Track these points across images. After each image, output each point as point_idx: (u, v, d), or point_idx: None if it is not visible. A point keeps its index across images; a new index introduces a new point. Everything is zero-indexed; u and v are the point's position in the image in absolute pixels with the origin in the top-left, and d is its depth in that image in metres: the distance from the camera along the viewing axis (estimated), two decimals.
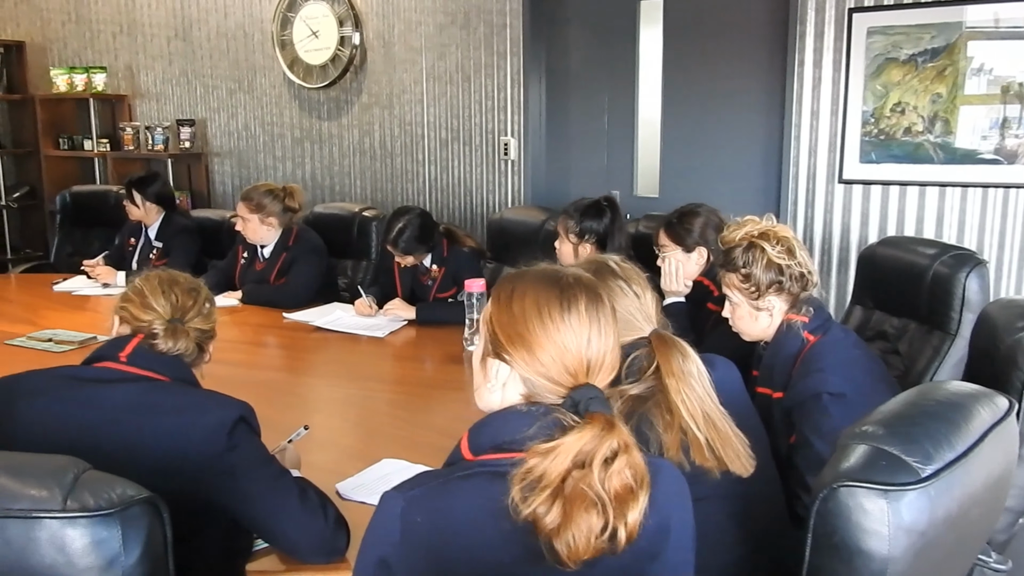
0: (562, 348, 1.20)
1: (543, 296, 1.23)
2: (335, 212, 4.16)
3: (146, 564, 1.07)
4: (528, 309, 1.23)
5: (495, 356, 1.25)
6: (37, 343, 3.02)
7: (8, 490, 1.02)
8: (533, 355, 1.21)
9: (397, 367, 3.00)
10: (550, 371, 1.21)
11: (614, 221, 3.05)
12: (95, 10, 5.73)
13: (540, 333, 1.21)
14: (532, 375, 1.22)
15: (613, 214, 3.05)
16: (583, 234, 3.01)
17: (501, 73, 4.40)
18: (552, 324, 1.21)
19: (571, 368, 1.21)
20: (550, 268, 1.30)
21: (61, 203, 4.90)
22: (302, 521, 1.54)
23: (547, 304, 1.22)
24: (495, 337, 1.25)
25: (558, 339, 1.21)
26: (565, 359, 1.21)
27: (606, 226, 3.02)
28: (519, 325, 1.23)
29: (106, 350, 1.57)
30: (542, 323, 1.21)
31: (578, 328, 1.21)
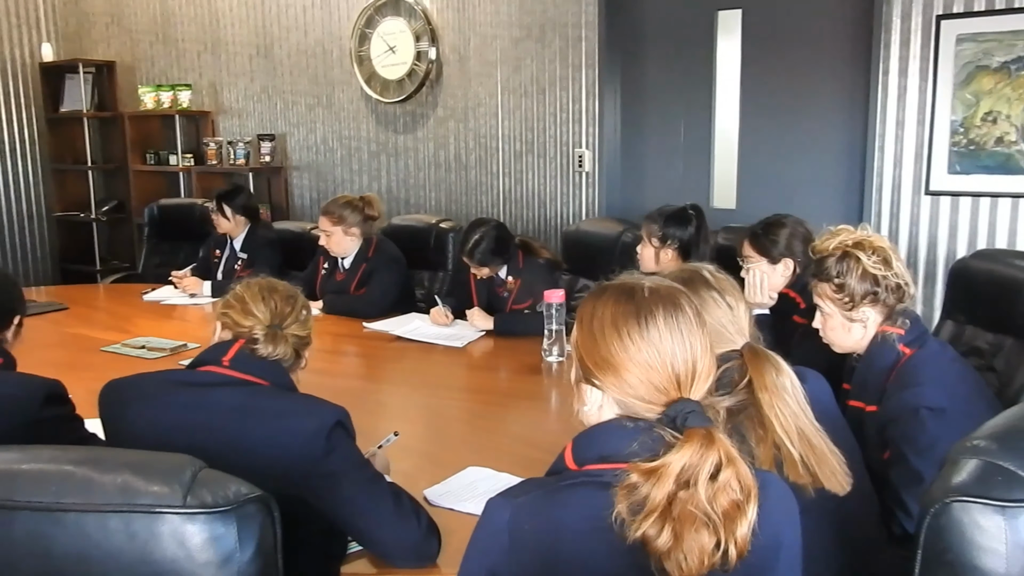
0: (646, 366, 1.19)
1: (620, 315, 1.22)
2: (412, 224, 4.23)
3: (259, 562, 1.10)
4: (607, 330, 1.22)
5: (586, 382, 1.25)
6: (131, 350, 3.14)
7: (132, 486, 1.06)
8: (620, 378, 1.20)
9: (477, 377, 3.02)
10: (639, 391, 1.20)
11: (699, 230, 3.02)
12: (181, 30, 5.95)
13: (622, 355, 1.20)
14: (624, 396, 1.21)
15: (699, 222, 3.03)
16: (665, 239, 3.00)
17: (576, 85, 4.41)
18: (632, 344, 1.20)
19: (660, 385, 1.19)
20: (627, 283, 1.28)
21: (149, 216, 5.09)
22: (396, 526, 1.57)
23: (624, 323, 1.21)
24: (583, 362, 1.25)
25: (641, 358, 1.19)
26: (652, 377, 1.19)
27: (691, 234, 3.00)
28: (602, 349, 1.22)
29: (209, 355, 1.62)
30: (622, 344, 1.20)
31: (659, 343, 1.19)
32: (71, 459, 1.11)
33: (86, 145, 6.22)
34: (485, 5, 4.65)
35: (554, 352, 2.97)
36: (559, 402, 2.77)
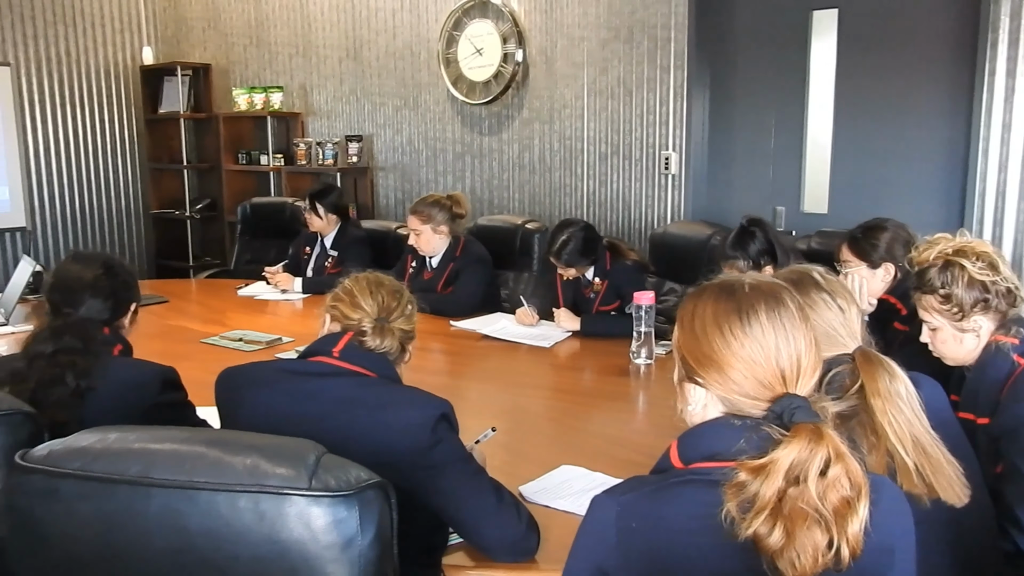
0: (750, 362, 1.18)
1: (721, 312, 1.21)
2: (498, 224, 4.26)
3: (378, 547, 1.12)
4: (709, 328, 1.21)
5: (689, 380, 1.25)
6: (229, 342, 3.24)
7: (260, 468, 1.10)
8: (724, 375, 1.20)
9: (564, 377, 3.03)
10: (744, 388, 1.19)
11: (767, 233, 2.90)
12: (274, 34, 6.12)
13: (725, 352, 1.19)
14: (728, 394, 1.20)
15: (762, 228, 2.90)
16: (757, 262, 2.91)
17: (664, 87, 4.38)
18: (735, 340, 1.19)
19: (765, 380, 1.18)
20: (727, 280, 1.27)
21: (242, 214, 5.24)
22: (497, 519, 1.58)
23: (726, 320, 1.20)
24: (685, 361, 1.25)
25: (744, 354, 1.18)
26: (756, 373, 1.18)
27: (767, 242, 2.87)
28: (704, 346, 1.21)
29: (320, 346, 1.67)
30: (725, 341, 1.20)
31: (762, 339, 1.19)
32: (202, 440, 1.16)
33: (182, 145, 6.46)
34: (573, 7, 4.65)
35: (642, 354, 2.95)
36: (649, 404, 2.76)
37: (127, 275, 1.99)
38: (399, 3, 5.41)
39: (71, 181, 6.32)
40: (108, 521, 1.11)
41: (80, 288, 1.86)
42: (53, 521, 1.14)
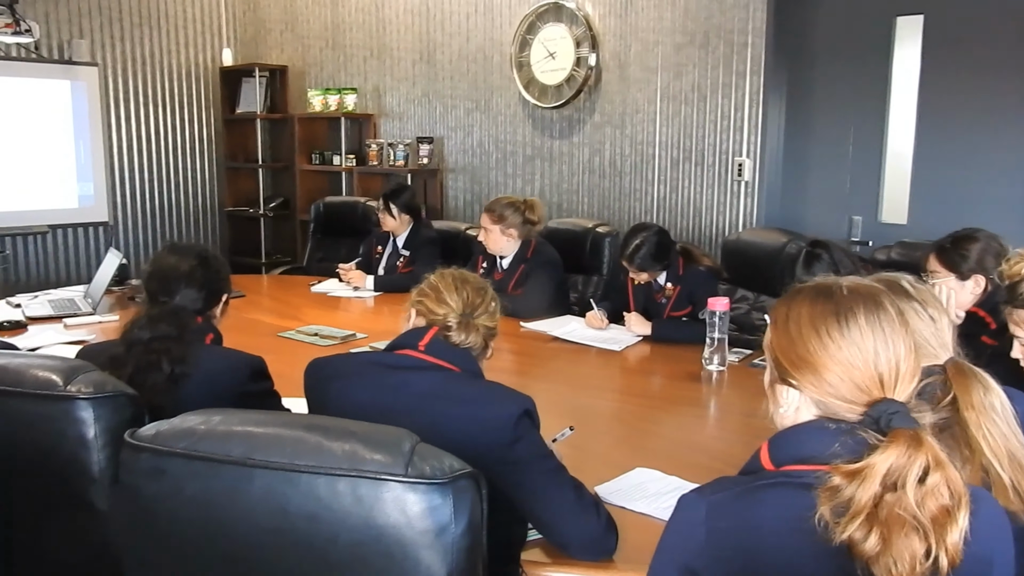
0: (847, 365, 1.17)
1: (818, 314, 1.20)
2: (568, 227, 4.27)
3: (469, 536, 1.14)
4: (805, 330, 1.20)
5: (782, 382, 1.24)
6: (305, 336, 3.31)
7: (359, 453, 1.13)
8: (819, 377, 1.18)
9: (635, 381, 3.02)
10: (840, 390, 1.17)
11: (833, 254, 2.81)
12: (350, 37, 6.23)
13: (822, 354, 1.18)
14: (823, 397, 1.18)
15: (828, 250, 2.79)
16: None
17: (739, 92, 4.34)
18: (832, 342, 1.18)
19: (862, 384, 1.17)
20: (823, 283, 1.26)
21: (315, 212, 5.35)
22: (577, 517, 1.59)
23: (824, 322, 1.19)
24: (778, 363, 1.23)
25: (841, 357, 1.17)
26: (853, 376, 1.17)
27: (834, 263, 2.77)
28: (799, 348, 1.20)
29: (406, 339, 1.70)
30: (821, 342, 1.18)
31: (861, 342, 1.17)
32: (302, 425, 1.19)
33: (257, 145, 6.62)
34: (648, 11, 4.64)
35: (715, 361, 2.92)
36: (722, 410, 2.73)
37: (220, 267, 2.06)
38: (473, 7, 5.47)
39: (151, 178, 6.53)
40: (212, 500, 1.15)
41: (176, 278, 1.93)
42: (160, 498, 1.18)
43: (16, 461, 1.45)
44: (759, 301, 3.62)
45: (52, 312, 3.64)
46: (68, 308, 3.69)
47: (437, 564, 1.11)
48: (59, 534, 1.51)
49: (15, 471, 1.46)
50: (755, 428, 2.52)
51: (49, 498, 1.46)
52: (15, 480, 1.47)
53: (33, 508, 1.50)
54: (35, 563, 1.59)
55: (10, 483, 1.48)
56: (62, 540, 1.52)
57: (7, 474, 1.47)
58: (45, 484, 1.45)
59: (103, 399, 1.42)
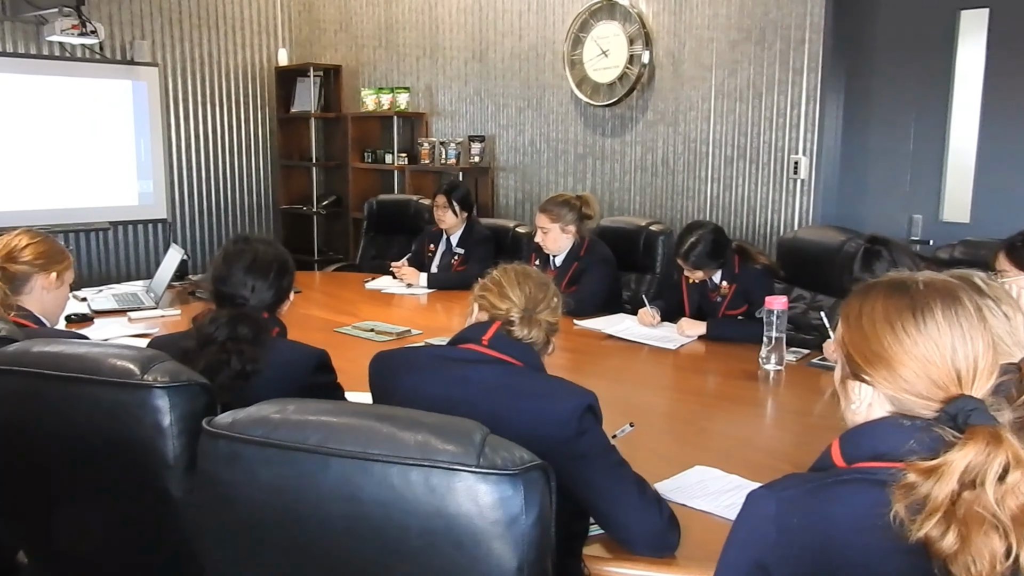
0: (924, 361, 1.15)
1: (893, 309, 1.18)
2: (621, 226, 4.25)
3: (539, 527, 1.15)
4: (879, 325, 1.18)
5: (854, 378, 1.22)
6: (361, 332, 3.35)
7: (431, 444, 1.14)
8: (894, 372, 1.16)
9: (691, 379, 3.00)
10: (916, 387, 1.16)
11: (892, 251, 2.74)
12: (403, 36, 6.29)
13: (897, 349, 1.16)
14: (897, 393, 1.17)
15: (887, 247, 2.73)
16: None
17: (796, 90, 4.28)
18: (908, 337, 1.16)
19: (939, 381, 1.15)
20: (898, 277, 1.24)
21: (368, 210, 5.41)
22: (640, 512, 1.59)
23: (899, 317, 1.17)
24: (851, 358, 1.22)
25: (918, 352, 1.15)
26: (930, 372, 1.15)
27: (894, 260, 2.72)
28: (873, 343, 1.18)
29: (469, 333, 1.71)
30: (897, 338, 1.16)
31: (938, 337, 1.15)
32: (374, 415, 1.21)
33: (311, 143, 6.72)
34: (703, 8, 4.60)
35: (772, 360, 2.89)
36: (781, 409, 2.70)
37: (289, 263, 2.10)
38: (526, 5, 5.48)
39: (208, 176, 6.67)
40: (287, 487, 1.18)
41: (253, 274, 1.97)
42: (236, 484, 1.21)
43: (94, 447, 1.49)
44: (816, 300, 3.57)
45: (116, 306, 3.73)
46: (132, 302, 3.79)
47: (508, 555, 1.12)
48: (134, 519, 1.55)
49: (93, 456, 1.50)
50: (815, 427, 2.50)
51: (126, 484, 1.50)
52: (93, 465, 1.52)
53: (110, 492, 1.54)
54: (109, 547, 1.64)
55: (89, 467, 1.52)
56: (137, 524, 1.56)
57: (87, 459, 1.51)
58: (122, 470, 1.49)
59: (178, 388, 1.46)
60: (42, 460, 1.57)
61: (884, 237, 2.78)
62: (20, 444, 1.58)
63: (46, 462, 1.57)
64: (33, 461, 1.59)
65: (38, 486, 1.63)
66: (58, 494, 1.61)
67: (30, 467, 1.60)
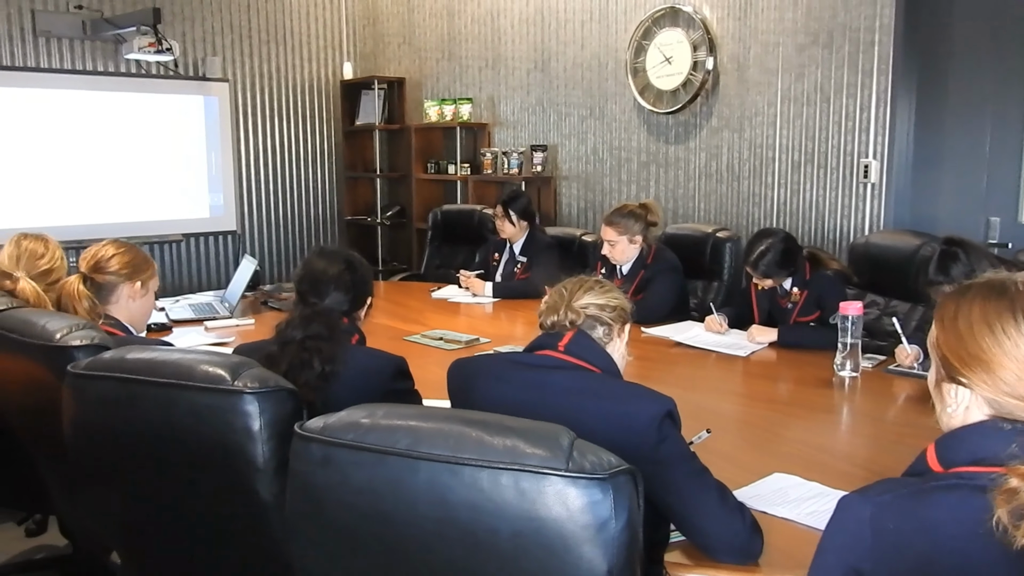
0: None
1: (992, 310, 1.16)
2: (688, 233, 4.22)
3: (628, 532, 1.15)
4: (977, 326, 1.16)
5: (950, 380, 1.20)
6: (430, 340, 3.39)
7: (519, 448, 1.15)
8: (993, 375, 1.14)
9: (762, 386, 2.96)
10: (1017, 389, 1.13)
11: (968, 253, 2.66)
12: (465, 48, 6.36)
13: (996, 350, 1.14)
14: (997, 396, 1.15)
15: (964, 248, 2.64)
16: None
17: (865, 92, 4.20)
18: (1008, 339, 1.14)
19: None
20: (995, 279, 1.22)
21: (432, 220, 5.47)
22: (721, 520, 1.57)
23: (998, 318, 1.15)
24: (946, 361, 1.20)
25: (1019, 354, 1.13)
26: None
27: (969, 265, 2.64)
28: (971, 345, 1.16)
29: (545, 340, 1.73)
30: (996, 339, 1.15)
31: None
32: (462, 420, 1.23)
33: (375, 155, 6.83)
34: (769, 12, 4.55)
35: (847, 367, 2.84)
36: (858, 416, 2.65)
37: (366, 271, 2.14)
38: (588, 14, 5.49)
39: (276, 188, 6.82)
40: (378, 489, 1.20)
41: (325, 281, 2.02)
42: (328, 487, 1.24)
43: (187, 450, 1.54)
44: (890, 306, 3.49)
45: (193, 315, 3.85)
46: (207, 311, 3.90)
47: (598, 559, 1.12)
48: (224, 520, 1.60)
49: (186, 460, 1.55)
50: (894, 434, 2.45)
51: (217, 486, 1.55)
52: (185, 468, 1.57)
53: (201, 495, 1.59)
54: (199, 549, 1.69)
55: (181, 470, 1.57)
56: (227, 526, 1.61)
57: (179, 462, 1.56)
58: (213, 473, 1.54)
59: (267, 393, 1.50)
60: (136, 463, 1.63)
61: (960, 239, 2.72)
62: (116, 447, 1.64)
63: (140, 464, 1.63)
64: (128, 464, 1.65)
65: (131, 488, 1.68)
66: (150, 496, 1.67)
67: (124, 469, 1.66)
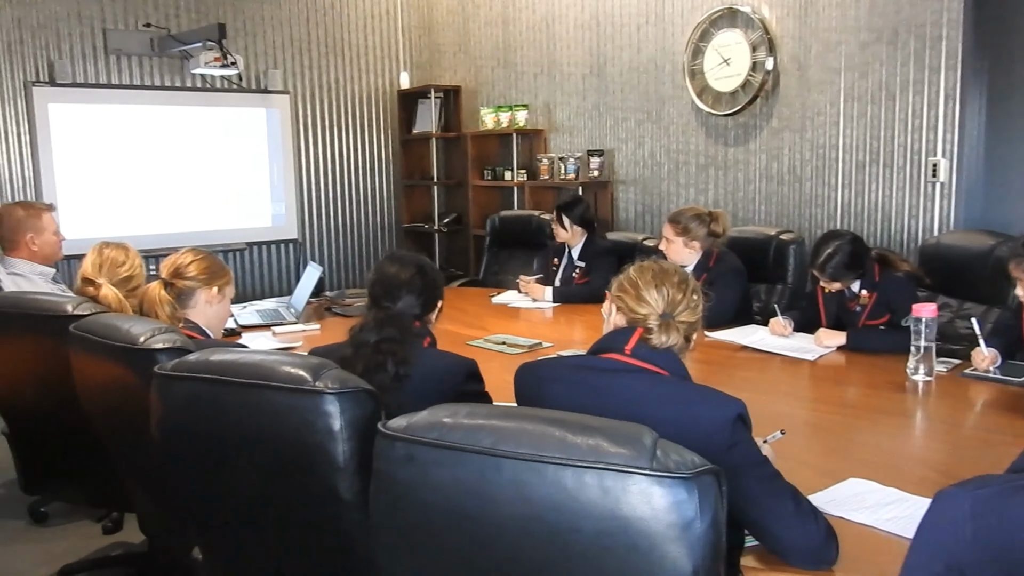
0: None
1: None
2: (750, 235, 4.18)
3: (713, 533, 1.14)
4: None
5: None
6: (493, 345, 3.41)
7: (603, 447, 1.15)
8: None
9: (833, 390, 2.91)
10: None
11: None
12: (520, 55, 6.39)
13: None
14: None
15: None
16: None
17: (933, 89, 4.11)
18: None
19: None
20: None
21: (491, 227, 5.50)
22: (795, 524, 1.55)
23: None
24: None
25: None
26: None
27: None
28: None
29: (611, 342, 1.71)
30: None
31: None
32: (544, 419, 1.24)
33: (432, 163, 6.90)
34: (830, 10, 4.49)
35: (921, 370, 2.77)
36: (935, 421, 2.59)
37: (436, 275, 2.17)
38: (644, 18, 5.47)
39: (335, 197, 6.93)
40: (461, 488, 1.21)
41: (397, 285, 2.06)
42: (411, 485, 1.26)
43: (270, 449, 1.58)
44: (963, 308, 3.40)
45: (260, 321, 3.93)
46: (274, 317, 3.98)
47: (683, 559, 1.12)
48: (304, 519, 1.63)
49: (269, 458, 1.59)
50: (972, 439, 2.39)
51: (298, 485, 1.58)
52: (268, 466, 1.60)
53: (282, 493, 1.62)
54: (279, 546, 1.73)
55: (264, 469, 1.61)
56: (307, 524, 1.64)
57: (262, 460, 1.60)
58: (295, 471, 1.57)
59: (347, 394, 1.53)
60: (219, 460, 1.68)
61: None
62: (200, 445, 1.68)
63: (223, 462, 1.67)
64: (211, 461, 1.69)
65: (215, 485, 1.73)
66: (232, 493, 1.71)
67: (208, 467, 1.71)
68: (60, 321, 2.37)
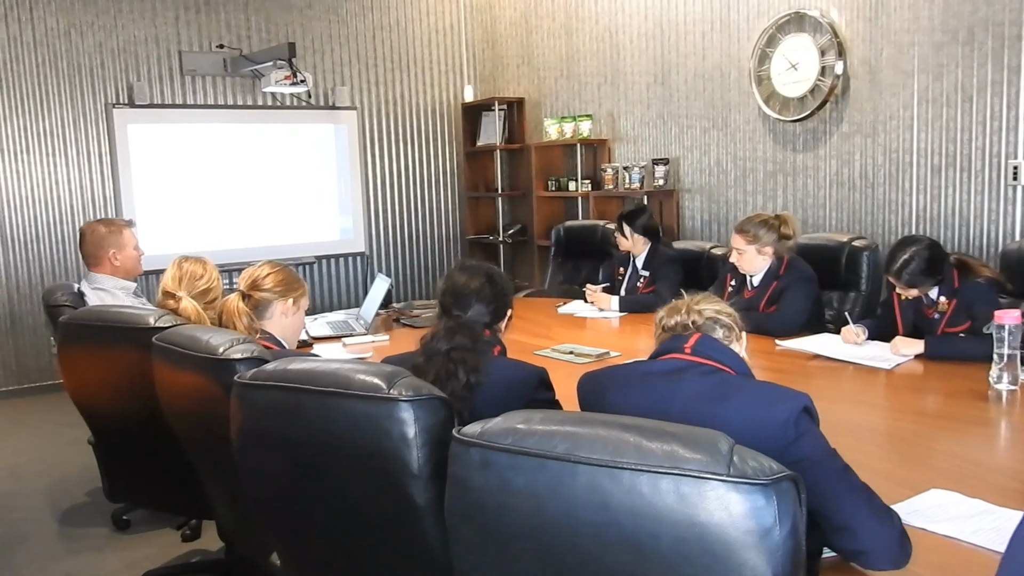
0: None
1: None
2: (822, 242, 4.10)
3: (792, 540, 1.12)
4: None
5: None
6: (560, 355, 3.41)
7: (678, 453, 1.15)
8: None
9: (911, 399, 2.83)
10: None
11: None
12: (583, 65, 6.40)
13: None
14: None
15: None
16: None
17: (1012, 89, 3.98)
18: None
19: None
20: None
21: (556, 237, 5.51)
22: (870, 521, 1.50)
23: None
24: None
25: None
26: None
27: None
28: None
29: (670, 345, 1.72)
30: None
31: None
32: (619, 425, 1.24)
33: (496, 175, 6.95)
34: (902, 12, 4.39)
35: (1004, 379, 2.68)
36: (1018, 431, 2.50)
37: (506, 284, 2.19)
38: (709, 24, 5.44)
39: (401, 210, 7.04)
40: (537, 493, 1.22)
41: (467, 294, 2.08)
42: (487, 491, 1.27)
43: (347, 455, 1.61)
44: None
45: (331, 332, 4.00)
46: (344, 328, 4.05)
47: (762, 566, 1.10)
48: (380, 525, 1.66)
49: (346, 464, 1.62)
50: None
51: (374, 490, 1.61)
52: (345, 472, 1.64)
53: (359, 499, 1.65)
54: (356, 552, 1.76)
55: (341, 475, 1.64)
56: (382, 531, 1.67)
57: (340, 467, 1.64)
58: (371, 477, 1.60)
59: (421, 401, 1.55)
60: (298, 467, 1.72)
61: None
62: (279, 452, 1.73)
63: (301, 469, 1.71)
64: (289, 468, 1.73)
65: (293, 492, 1.77)
66: (310, 500, 1.75)
67: (286, 473, 1.75)
68: (143, 333, 2.46)
